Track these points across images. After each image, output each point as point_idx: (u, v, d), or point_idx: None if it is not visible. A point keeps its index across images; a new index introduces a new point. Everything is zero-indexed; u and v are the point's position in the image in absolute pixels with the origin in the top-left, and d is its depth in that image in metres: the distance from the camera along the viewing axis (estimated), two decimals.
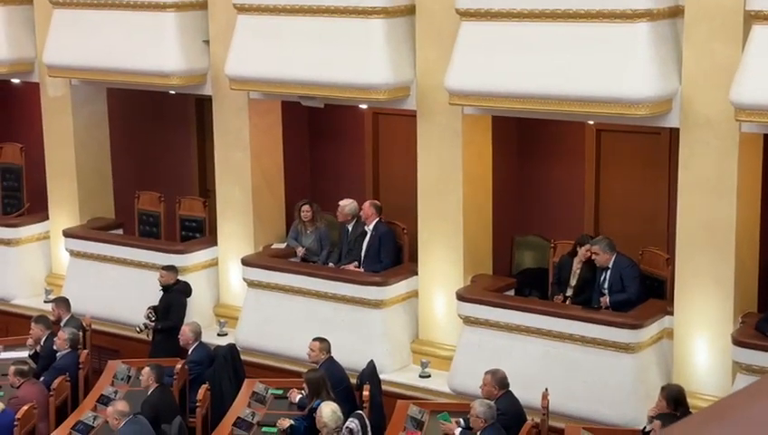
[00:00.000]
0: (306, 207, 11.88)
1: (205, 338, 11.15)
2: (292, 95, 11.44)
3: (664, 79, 9.39)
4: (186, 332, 10.89)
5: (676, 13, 9.46)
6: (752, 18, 8.89)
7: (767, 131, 9.33)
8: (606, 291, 10.07)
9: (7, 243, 13.35)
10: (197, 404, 9.93)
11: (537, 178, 11.56)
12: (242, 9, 11.27)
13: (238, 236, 12.09)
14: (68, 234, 13.00)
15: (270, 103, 11.97)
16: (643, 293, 10.07)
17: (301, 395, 9.83)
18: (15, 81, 13.91)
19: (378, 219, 11.37)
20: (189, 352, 10.85)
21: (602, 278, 10.14)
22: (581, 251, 10.37)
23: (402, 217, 11.54)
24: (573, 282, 10.46)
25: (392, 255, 11.33)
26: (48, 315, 11.61)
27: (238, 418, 9.71)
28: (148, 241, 12.69)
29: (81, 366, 10.72)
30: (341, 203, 11.63)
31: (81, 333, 11.14)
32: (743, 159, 9.35)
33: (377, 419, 9.88)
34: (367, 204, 11.47)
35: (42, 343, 11.16)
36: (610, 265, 10.08)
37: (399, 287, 11.09)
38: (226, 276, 12.28)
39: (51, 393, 10.11)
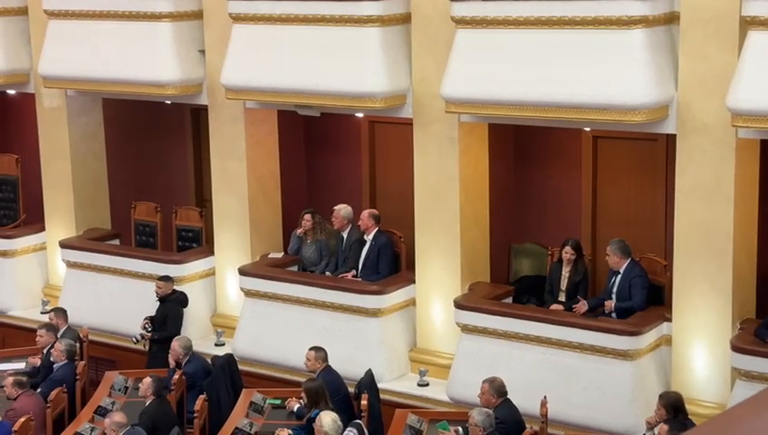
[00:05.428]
0: (307, 217, 11.80)
1: (202, 348, 11.10)
2: (287, 104, 11.42)
3: (660, 85, 9.38)
4: (175, 348, 10.73)
5: (671, 19, 9.46)
6: (747, 24, 8.88)
7: (764, 137, 9.32)
8: (614, 296, 10.07)
9: (3, 254, 13.31)
10: (195, 415, 9.90)
11: (534, 185, 11.54)
12: (237, 18, 11.26)
13: (235, 245, 12.06)
14: (64, 245, 12.97)
15: (266, 113, 11.96)
16: (648, 303, 10.06)
17: (299, 405, 9.81)
18: (11, 92, 13.90)
19: (377, 229, 11.34)
20: (183, 365, 10.78)
21: (612, 282, 10.13)
22: (564, 254, 10.44)
23: (399, 225, 11.53)
24: (564, 286, 10.48)
25: (390, 266, 11.32)
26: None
27: (236, 428, 9.68)
28: (144, 251, 12.67)
29: (78, 377, 10.68)
30: (336, 208, 11.62)
31: (77, 344, 11.10)
32: (740, 164, 9.34)
33: (375, 428, 9.86)
34: (365, 214, 11.43)
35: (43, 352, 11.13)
36: (621, 270, 10.07)
37: (397, 296, 11.08)
38: (223, 286, 12.26)
39: (48, 405, 10.08)
